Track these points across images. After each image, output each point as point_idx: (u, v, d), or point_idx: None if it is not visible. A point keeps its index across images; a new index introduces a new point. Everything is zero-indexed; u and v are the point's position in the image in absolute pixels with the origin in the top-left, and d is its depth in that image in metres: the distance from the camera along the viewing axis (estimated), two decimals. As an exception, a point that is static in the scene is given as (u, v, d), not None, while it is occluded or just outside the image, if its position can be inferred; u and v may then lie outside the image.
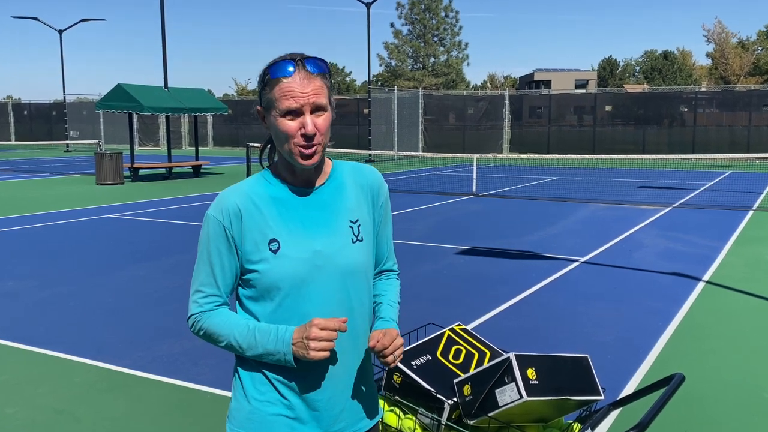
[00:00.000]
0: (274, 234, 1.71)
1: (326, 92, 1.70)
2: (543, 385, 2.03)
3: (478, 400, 2.07)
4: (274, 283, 1.70)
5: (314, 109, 1.67)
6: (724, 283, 7.48)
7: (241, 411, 1.77)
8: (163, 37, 23.15)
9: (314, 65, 1.68)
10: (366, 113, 32.45)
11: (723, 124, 30.10)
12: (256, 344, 1.70)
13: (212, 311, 1.76)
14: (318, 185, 1.79)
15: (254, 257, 1.71)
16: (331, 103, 1.73)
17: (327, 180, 1.81)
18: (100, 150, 23.20)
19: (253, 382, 1.75)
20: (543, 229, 11.26)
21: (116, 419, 4.13)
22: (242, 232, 1.71)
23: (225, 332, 1.72)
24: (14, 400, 4.41)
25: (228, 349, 1.75)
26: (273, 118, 1.69)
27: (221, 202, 1.73)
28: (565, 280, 7.66)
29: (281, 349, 1.67)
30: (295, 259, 1.70)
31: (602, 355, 5.17)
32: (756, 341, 5.54)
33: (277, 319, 1.72)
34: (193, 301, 1.77)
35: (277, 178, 1.78)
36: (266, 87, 1.69)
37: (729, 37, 60.39)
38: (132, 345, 5.48)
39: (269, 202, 1.74)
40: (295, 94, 1.65)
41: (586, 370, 2.18)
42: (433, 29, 51.59)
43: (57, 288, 7.32)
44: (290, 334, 1.67)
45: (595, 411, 2.29)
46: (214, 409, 4.27)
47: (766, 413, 4.17)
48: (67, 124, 40.42)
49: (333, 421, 1.77)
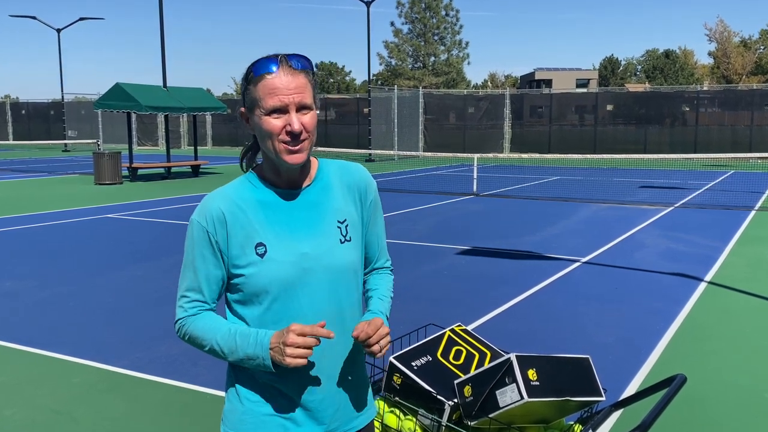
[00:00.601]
0: (261, 238, 1.69)
1: (311, 90, 1.68)
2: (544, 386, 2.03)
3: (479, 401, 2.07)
4: (263, 287, 1.68)
5: (300, 108, 1.66)
6: (726, 283, 7.48)
7: (234, 412, 1.78)
8: (162, 36, 23.16)
9: (297, 61, 1.67)
10: (366, 113, 32.45)
11: (725, 123, 30.09)
12: (236, 348, 1.68)
13: (196, 315, 1.74)
14: (304, 186, 1.77)
15: (241, 262, 1.69)
16: (317, 101, 1.72)
17: (313, 181, 1.79)
18: (99, 150, 23.20)
19: (246, 384, 1.75)
20: (544, 229, 11.27)
21: (115, 420, 4.14)
22: (227, 237, 1.69)
23: (208, 336, 1.71)
24: (13, 401, 4.41)
25: (211, 354, 1.73)
26: (257, 117, 1.67)
27: (205, 206, 1.71)
28: (566, 280, 7.67)
29: (260, 354, 1.65)
30: (282, 262, 1.68)
31: (603, 356, 5.18)
32: (758, 342, 5.54)
33: (266, 322, 1.71)
34: (179, 306, 1.76)
35: (262, 181, 1.76)
36: (249, 85, 1.68)
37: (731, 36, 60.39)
38: (131, 345, 5.48)
39: (255, 206, 1.72)
40: (279, 91, 1.63)
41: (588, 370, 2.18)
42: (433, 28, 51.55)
43: (56, 288, 7.32)
44: (269, 338, 1.65)
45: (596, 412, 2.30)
46: (213, 409, 4.27)
47: (765, 413, 4.18)
48: (66, 123, 40.43)
49: (327, 420, 1.77)
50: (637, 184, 19.04)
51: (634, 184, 18.82)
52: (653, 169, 24.79)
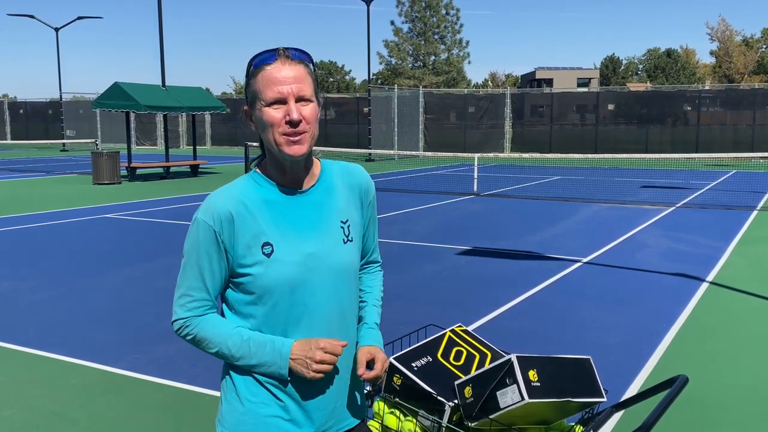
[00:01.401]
0: (267, 237, 1.70)
1: (310, 82, 1.69)
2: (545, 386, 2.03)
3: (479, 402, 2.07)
4: (268, 286, 1.69)
5: (299, 99, 1.66)
6: (728, 283, 7.48)
7: (233, 413, 1.77)
8: (161, 35, 23.16)
9: (295, 52, 1.70)
10: (366, 112, 32.45)
11: (727, 123, 30.09)
12: (250, 354, 1.70)
13: (202, 317, 1.75)
14: (308, 187, 1.79)
15: (247, 261, 1.70)
16: (318, 96, 1.73)
17: (317, 181, 1.81)
18: (97, 149, 23.20)
19: (246, 384, 1.76)
20: (545, 229, 11.27)
21: (114, 421, 4.14)
22: (234, 237, 1.69)
23: (217, 340, 1.72)
24: (10, 403, 4.41)
25: (217, 356, 1.75)
26: (258, 110, 1.68)
27: (211, 205, 1.71)
28: (567, 281, 7.67)
29: (277, 362, 1.69)
30: (288, 262, 1.70)
31: (605, 357, 5.17)
32: (759, 343, 5.54)
33: (269, 321, 1.72)
34: (180, 305, 1.75)
35: (267, 179, 1.77)
36: (250, 80, 1.70)
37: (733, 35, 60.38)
38: (129, 346, 5.48)
39: (261, 205, 1.73)
40: (278, 81, 1.65)
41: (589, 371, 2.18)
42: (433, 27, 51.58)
43: (53, 289, 7.32)
44: (288, 348, 1.69)
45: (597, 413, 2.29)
46: (211, 410, 4.27)
47: (767, 414, 4.17)
48: (64, 123, 40.45)
49: (324, 420, 1.79)
50: (638, 184, 19.04)
51: (635, 184, 18.82)
52: (655, 168, 24.79)
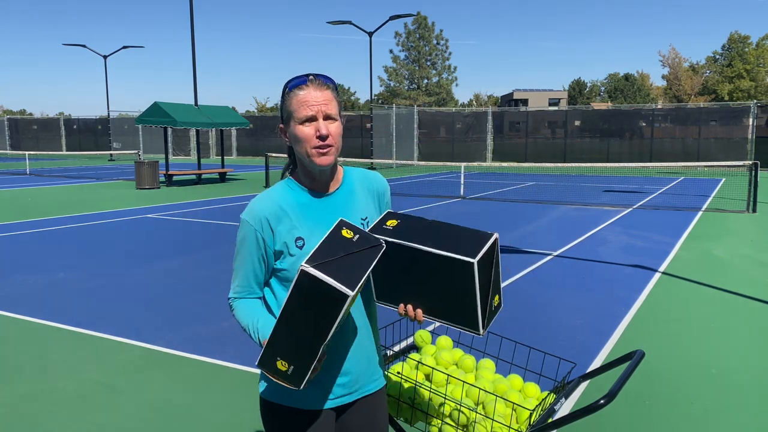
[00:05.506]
0: (300, 233, 1.75)
1: (335, 104, 1.74)
2: (395, 232, 1.70)
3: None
4: None
5: (326, 117, 1.71)
6: (678, 273, 7.47)
7: None
8: (194, 62, 23.13)
9: (324, 78, 1.74)
10: (368, 127, 32.42)
11: (676, 136, 30.09)
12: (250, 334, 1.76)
13: (241, 299, 1.81)
14: (333, 190, 1.83)
15: (284, 254, 1.75)
16: (342, 116, 1.77)
17: (340, 185, 1.85)
18: (140, 159, 23.18)
19: None
20: (521, 227, 11.25)
21: (154, 391, 4.13)
22: (273, 235, 1.74)
23: (242, 319, 1.78)
24: (64, 375, 4.40)
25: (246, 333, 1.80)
26: (292, 127, 1.73)
27: (254, 209, 1.76)
28: (540, 271, 7.65)
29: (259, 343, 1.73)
30: None
31: (573, 336, 5.16)
32: (706, 324, 5.53)
33: None
34: (232, 288, 1.83)
35: (299, 185, 1.81)
36: (285, 101, 1.73)
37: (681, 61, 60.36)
38: (166, 327, 5.47)
39: (295, 207, 1.77)
40: (309, 102, 1.69)
41: (475, 235, 1.67)
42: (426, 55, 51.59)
43: (102, 278, 7.31)
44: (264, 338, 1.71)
45: (568, 382, 2.29)
46: (238, 383, 4.26)
47: (713, 384, 4.16)
48: (111, 136, 40.41)
49: (352, 384, 1.82)
50: (601, 188, 19.01)
51: (598, 189, 18.79)
52: (615, 175, 24.75)
